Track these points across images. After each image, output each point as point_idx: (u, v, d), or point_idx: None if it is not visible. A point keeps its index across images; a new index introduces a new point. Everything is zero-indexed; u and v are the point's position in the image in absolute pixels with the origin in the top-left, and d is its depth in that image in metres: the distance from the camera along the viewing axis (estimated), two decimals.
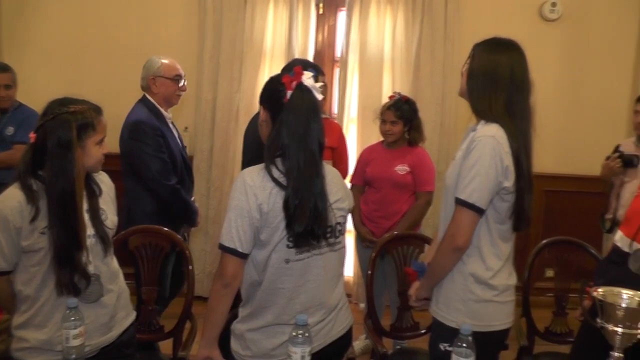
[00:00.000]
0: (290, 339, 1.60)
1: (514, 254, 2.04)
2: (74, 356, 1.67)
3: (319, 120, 1.84)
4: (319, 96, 1.86)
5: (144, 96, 3.12)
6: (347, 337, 2.03)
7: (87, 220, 1.94)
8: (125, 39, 4.36)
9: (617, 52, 4.64)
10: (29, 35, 4.33)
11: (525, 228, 2.01)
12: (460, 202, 1.88)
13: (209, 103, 4.38)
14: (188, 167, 3.27)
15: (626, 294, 1.62)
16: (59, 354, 1.84)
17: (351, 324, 2.05)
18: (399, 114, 3.36)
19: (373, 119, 3.58)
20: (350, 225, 2.45)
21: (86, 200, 1.96)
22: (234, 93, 4.35)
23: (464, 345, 1.58)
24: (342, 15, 4.52)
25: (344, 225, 1.98)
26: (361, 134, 4.41)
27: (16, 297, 1.94)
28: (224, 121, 4.37)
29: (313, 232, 1.79)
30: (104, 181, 2.11)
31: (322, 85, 1.98)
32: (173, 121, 3.23)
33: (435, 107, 4.41)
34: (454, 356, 1.59)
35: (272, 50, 4.36)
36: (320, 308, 1.90)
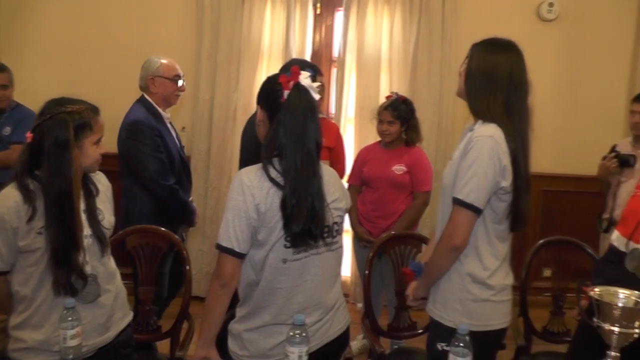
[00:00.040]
0: (288, 338, 1.60)
1: (510, 254, 2.04)
2: (71, 356, 1.67)
3: (316, 120, 1.84)
4: (316, 96, 1.86)
5: (142, 96, 3.11)
6: (345, 337, 2.04)
7: (84, 220, 1.94)
8: (123, 39, 4.36)
9: (614, 53, 4.65)
10: (26, 35, 4.33)
11: (522, 228, 2.01)
12: (458, 202, 1.88)
13: (207, 103, 4.37)
14: (186, 167, 3.27)
15: (623, 293, 1.62)
16: (56, 355, 1.83)
17: (348, 324, 2.05)
18: (396, 114, 3.36)
19: (370, 119, 3.58)
20: (347, 225, 2.45)
21: (83, 200, 1.95)
22: (232, 93, 4.34)
23: (461, 344, 1.59)
24: (340, 15, 4.52)
25: (341, 225, 1.98)
26: (359, 134, 4.41)
27: (13, 298, 1.94)
28: (221, 121, 4.37)
29: (310, 232, 1.79)
30: (101, 181, 2.11)
31: (320, 85, 1.98)
32: (171, 121, 3.23)
33: (432, 107, 4.41)
34: (451, 356, 1.59)
35: (270, 50, 4.36)
36: (317, 308, 1.90)
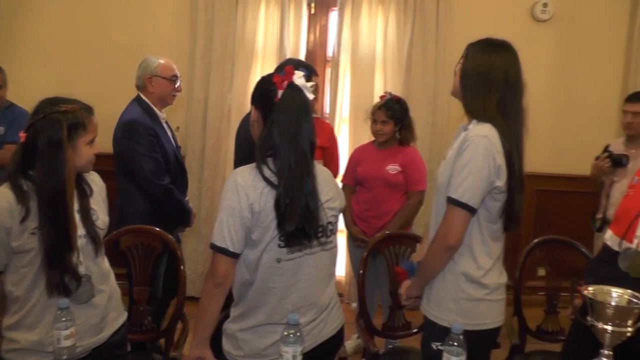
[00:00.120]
0: (282, 338, 1.60)
1: (504, 253, 2.05)
2: (65, 357, 1.66)
3: (310, 120, 1.85)
4: (310, 95, 1.86)
5: (138, 95, 3.10)
6: (339, 337, 2.04)
7: (78, 220, 1.93)
8: (118, 39, 4.35)
9: (608, 53, 4.67)
10: (22, 35, 4.31)
11: (515, 228, 2.02)
12: (452, 202, 1.88)
13: (201, 103, 4.36)
14: (182, 167, 3.26)
15: (616, 292, 1.62)
16: (50, 355, 1.83)
17: (343, 324, 2.05)
18: (390, 113, 3.36)
19: (364, 119, 3.58)
20: (341, 225, 2.45)
21: (77, 200, 1.95)
22: (226, 93, 4.34)
23: (456, 344, 1.59)
24: (334, 15, 4.52)
25: (335, 224, 1.98)
26: (353, 133, 4.41)
27: (6, 298, 1.93)
28: (215, 121, 4.36)
29: (304, 232, 1.79)
30: (95, 181, 2.10)
31: (313, 85, 1.98)
32: (167, 121, 3.22)
33: (427, 107, 4.42)
34: (446, 355, 1.59)
35: (264, 50, 4.36)
36: (311, 308, 1.90)
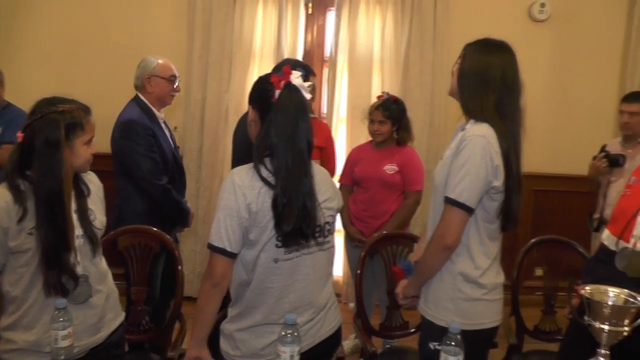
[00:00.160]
0: (279, 338, 1.59)
1: (501, 253, 2.05)
2: (62, 357, 1.66)
3: (308, 120, 1.85)
4: (308, 95, 1.86)
5: (137, 95, 3.09)
6: (336, 337, 2.04)
7: (76, 220, 1.93)
8: (116, 39, 4.35)
9: (605, 53, 4.68)
10: (22, 35, 4.30)
11: (512, 228, 2.02)
12: (450, 201, 1.88)
13: (198, 103, 4.36)
14: (180, 168, 3.25)
15: (613, 292, 1.63)
16: (47, 356, 1.82)
17: (340, 324, 2.05)
18: (387, 113, 3.36)
19: (362, 119, 3.58)
20: (339, 225, 2.45)
21: (74, 200, 1.95)
22: (223, 93, 4.34)
23: (453, 343, 1.59)
24: (331, 15, 4.52)
25: (332, 224, 1.99)
26: (350, 133, 4.41)
27: (4, 298, 1.93)
28: (213, 121, 4.36)
29: (302, 232, 1.80)
30: (93, 181, 2.10)
31: (311, 85, 1.98)
32: (166, 121, 3.22)
33: (424, 107, 4.42)
34: (443, 355, 1.59)
35: (262, 50, 4.36)
36: (309, 307, 1.90)
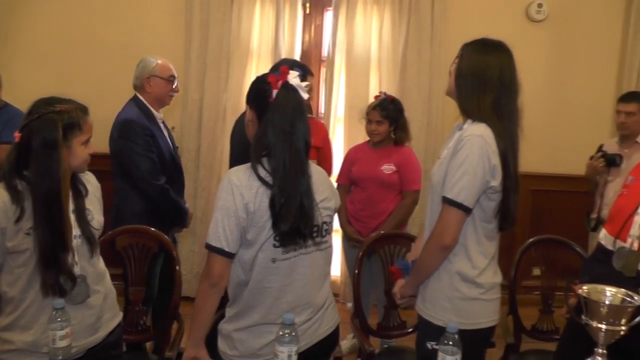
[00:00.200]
0: (277, 338, 1.59)
1: (499, 253, 2.05)
2: (60, 357, 1.66)
3: (305, 119, 1.85)
4: (305, 95, 1.86)
5: (135, 95, 3.09)
6: (334, 337, 2.04)
7: (73, 220, 1.93)
8: (114, 39, 4.34)
9: (603, 53, 4.69)
10: (20, 35, 4.29)
11: (510, 228, 2.02)
12: (447, 201, 1.88)
13: (196, 103, 4.36)
14: (178, 168, 3.25)
15: (610, 291, 1.63)
16: (45, 356, 1.82)
17: (338, 323, 2.05)
18: (385, 113, 3.37)
19: (359, 119, 3.59)
20: (337, 225, 2.45)
21: (72, 200, 1.94)
22: (221, 93, 4.34)
23: (451, 343, 1.59)
24: (329, 15, 4.52)
25: (330, 224, 1.99)
26: (348, 133, 4.42)
27: (1, 299, 1.92)
28: (211, 121, 4.36)
29: (299, 231, 1.80)
30: (90, 181, 2.10)
31: (308, 85, 1.98)
32: (164, 121, 3.21)
33: (422, 107, 4.42)
34: (441, 354, 1.59)
35: (259, 50, 4.36)
36: (306, 307, 1.90)
